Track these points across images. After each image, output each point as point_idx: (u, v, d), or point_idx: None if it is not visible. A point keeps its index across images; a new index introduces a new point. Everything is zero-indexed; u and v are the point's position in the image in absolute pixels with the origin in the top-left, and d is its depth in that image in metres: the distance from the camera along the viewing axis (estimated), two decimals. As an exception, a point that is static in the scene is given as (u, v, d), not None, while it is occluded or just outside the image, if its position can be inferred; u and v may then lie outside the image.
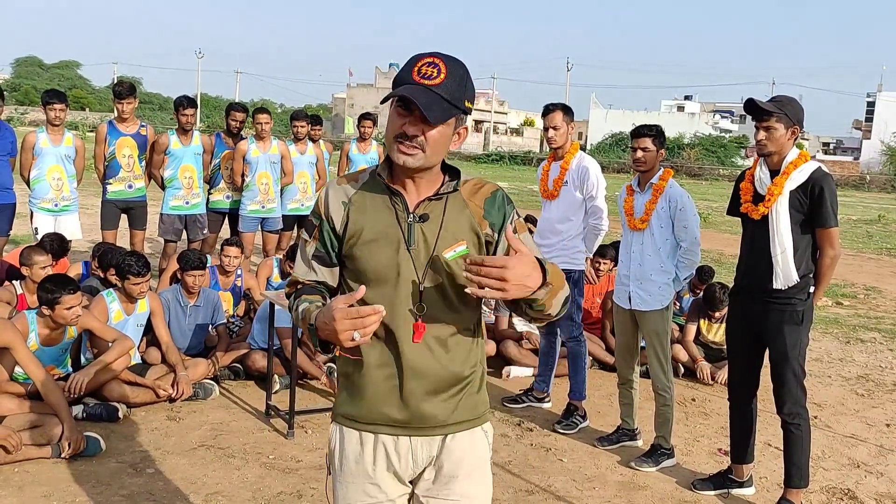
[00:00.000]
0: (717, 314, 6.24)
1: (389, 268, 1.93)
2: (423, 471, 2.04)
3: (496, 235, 2.00)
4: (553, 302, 1.89)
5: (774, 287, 3.75)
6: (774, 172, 3.80)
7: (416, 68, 1.86)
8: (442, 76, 1.85)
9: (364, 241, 1.95)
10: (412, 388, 1.95)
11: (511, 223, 2.01)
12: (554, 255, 5.01)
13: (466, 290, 1.76)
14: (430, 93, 1.83)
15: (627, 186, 4.64)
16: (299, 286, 2.05)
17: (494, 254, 2.00)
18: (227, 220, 7.73)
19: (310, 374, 5.47)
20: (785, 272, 3.73)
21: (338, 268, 2.04)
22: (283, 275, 6.71)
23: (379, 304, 1.75)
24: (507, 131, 69.40)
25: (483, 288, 1.73)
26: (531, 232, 8.19)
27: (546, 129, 5.06)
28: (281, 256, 7.18)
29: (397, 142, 1.88)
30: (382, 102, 1.95)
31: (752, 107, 3.77)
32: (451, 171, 2.02)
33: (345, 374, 2.05)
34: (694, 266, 4.47)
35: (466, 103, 1.91)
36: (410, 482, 2.06)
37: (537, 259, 1.82)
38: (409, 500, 2.09)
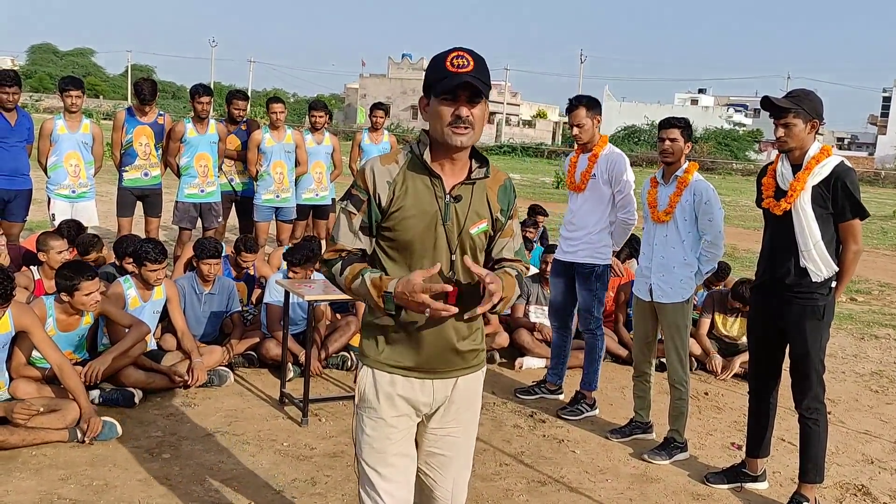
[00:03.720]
0: (738, 306, 6.22)
1: (428, 239, 2.30)
2: (440, 406, 2.45)
3: (503, 219, 2.43)
4: (506, 307, 2.32)
5: (813, 280, 3.73)
6: (796, 167, 3.76)
7: (447, 61, 2.21)
8: (472, 64, 2.20)
9: (406, 215, 2.29)
10: (442, 342, 2.35)
11: (510, 211, 2.46)
12: (579, 249, 4.98)
13: (467, 315, 2.21)
14: (472, 77, 2.19)
15: (651, 178, 4.62)
16: (343, 253, 2.35)
17: (497, 235, 2.43)
18: (234, 207, 7.77)
19: (313, 370, 5.41)
20: (824, 262, 3.70)
21: (373, 238, 2.37)
22: None
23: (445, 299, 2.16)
24: (519, 123, 69.15)
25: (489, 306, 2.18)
26: (539, 222, 8.25)
27: (571, 127, 5.00)
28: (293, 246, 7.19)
29: (452, 127, 2.23)
30: (436, 95, 2.24)
31: (768, 104, 3.74)
32: (477, 158, 2.38)
33: (381, 327, 2.37)
34: (717, 259, 4.43)
35: (490, 83, 2.30)
36: (426, 415, 2.46)
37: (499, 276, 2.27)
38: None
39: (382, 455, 2.39)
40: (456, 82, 2.17)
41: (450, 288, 2.13)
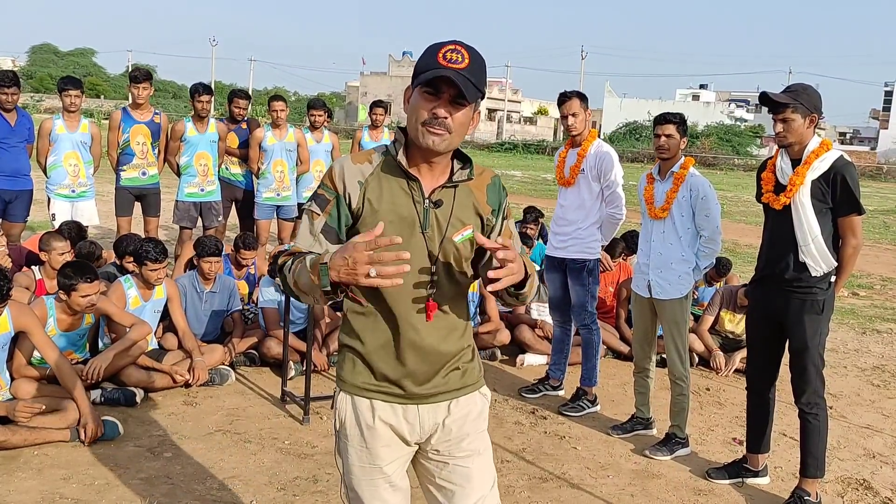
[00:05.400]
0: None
1: (405, 250, 1.94)
2: (432, 435, 2.19)
3: (494, 220, 2.16)
4: (531, 292, 2.09)
5: (812, 274, 3.73)
6: (796, 162, 3.76)
7: (440, 54, 1.95)
8: (466, 61, 1.95)
9: (380, 222, 1.96)
10: (422, 363, 2.10)
11: (503, 212, 2.20)
12: (568, 244, 5.02)
13: (490, 273, 1.87)
14: (460, 76, 1.93)
15: (648, 175, 4.62)
16: (298, 255, 2.02)
17: (490, 236, 2.15)
18: (234, 206, 7.77)
19: (316, 363, 5.41)
20: (822, 257, 3.70)
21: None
22: None
23: (405, 252, 1.79)
24: (520, 120, 69.05)
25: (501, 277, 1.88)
26: (538, 222, 8.25)
27: (564, 118, 5.00)
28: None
29: (426, 126, 1.97)
30: (416, 85, 1.99)
31: (766, 100, 3.74)
32: (460, 158, 2.13)
33: (352, 347, 2.14)
34: (714, 255, 4.45)
35: (484, 88, 2.05)
36: (417, 443, 2.21)
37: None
38: (415, 457, 2.25)
39: (373, 489, 2.16)
40: (439, 75, 1.92)
41: (406, 255, 1.78)
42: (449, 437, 2.19)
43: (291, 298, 5.02)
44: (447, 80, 1.93)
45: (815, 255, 3.70)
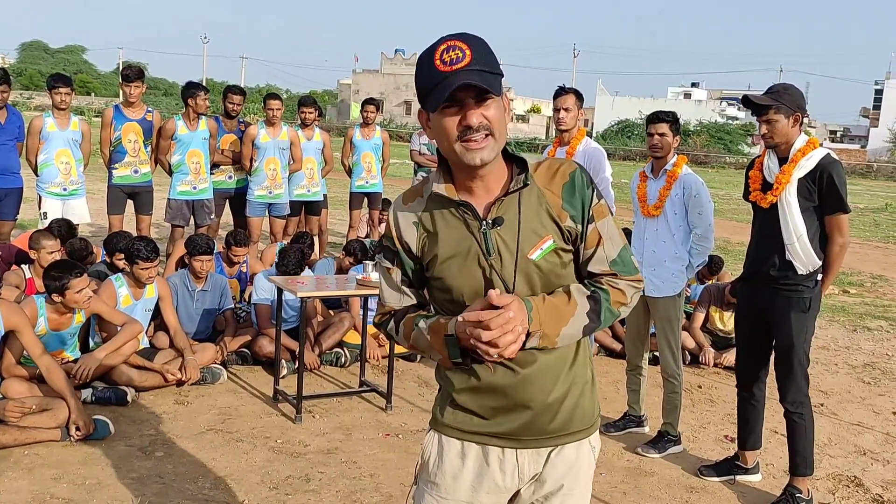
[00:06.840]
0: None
1: (475, 282, 1.80)
2: (525, 486, 1.93)
3: (579, 227, 1.82)
4: (556, 341, 1.77)
5: (798, 273, 3.74)
6: (783, 160, 3.78)
7: (436, 58, 1.67)
8: (468, 55, 1.66)
9: (441, 259, 1.83)
10: (520, 398, 1.84)
11: (590, 210, 1.84)
12: None
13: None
14: (472, 73, 1.65)
15: (640, 173, 4.62)
16: (394, 311, 1.94)
17: (575, 247, 1.85)
18: (228, 204, 7.75)
19: (307, 363, 5.36)
20: (807, 256, 3.72)
21: (423, 288, 1.96)
22: None
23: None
24: (513, 118, 69.11)
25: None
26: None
27: (556, 111, 5.01)
28: (286, 242, 7.19)
29: (463, 141, 1.71)
30: (428, 109, 1.72)
31: (749, 103, 3.76)
32: (517, 162, 1.84)
33: (448, 382, 1.92)
34: (707, 252, 4.46)
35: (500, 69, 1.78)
36: (516, 491, 1.95)
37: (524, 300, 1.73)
38: None
39: None
40: (452, 87, 1.64)
41: (509, 299, 1.66)
42: (539, 490, 1.91)
43: (284, 296, 5.07)
44: (462, 87, 1.65)
45: (801, 253, 3.72)
